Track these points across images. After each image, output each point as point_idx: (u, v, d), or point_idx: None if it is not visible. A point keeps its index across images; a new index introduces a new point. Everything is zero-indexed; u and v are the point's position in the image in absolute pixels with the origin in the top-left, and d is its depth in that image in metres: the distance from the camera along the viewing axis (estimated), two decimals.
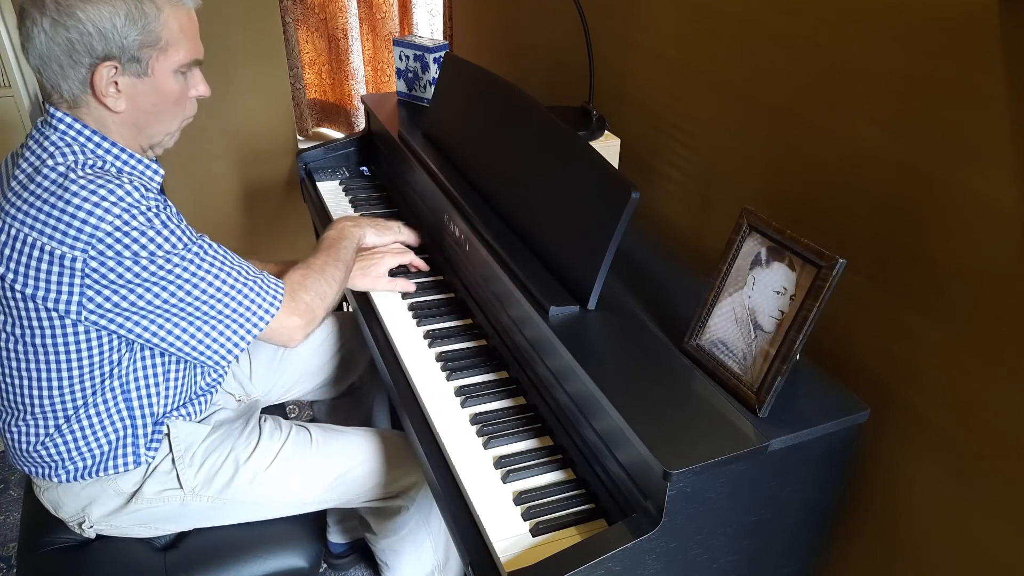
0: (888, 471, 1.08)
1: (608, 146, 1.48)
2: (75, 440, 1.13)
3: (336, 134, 3.46)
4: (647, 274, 1.25)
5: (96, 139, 1.06)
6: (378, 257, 1.40)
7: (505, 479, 1.03)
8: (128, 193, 0.99)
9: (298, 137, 2.95)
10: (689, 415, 0.94)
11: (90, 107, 1.05)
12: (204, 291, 1.06)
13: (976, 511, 0.97)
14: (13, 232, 0.99)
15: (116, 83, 1.03)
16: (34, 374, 1.08)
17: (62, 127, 1.04)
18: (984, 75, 0.86)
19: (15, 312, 1.03)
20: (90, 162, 1.03)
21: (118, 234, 0.98)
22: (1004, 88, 0.84)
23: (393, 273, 1.42)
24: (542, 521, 0.97)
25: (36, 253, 0.98)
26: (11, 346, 1.06)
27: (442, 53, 1.75)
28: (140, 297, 1.02)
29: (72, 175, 0.99)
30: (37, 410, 1.11)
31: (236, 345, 1.11)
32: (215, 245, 1.10)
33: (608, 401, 0.94)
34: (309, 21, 3.24)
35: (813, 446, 0.95)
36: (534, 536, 0.95)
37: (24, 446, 1.14)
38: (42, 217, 0.97)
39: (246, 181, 2.65)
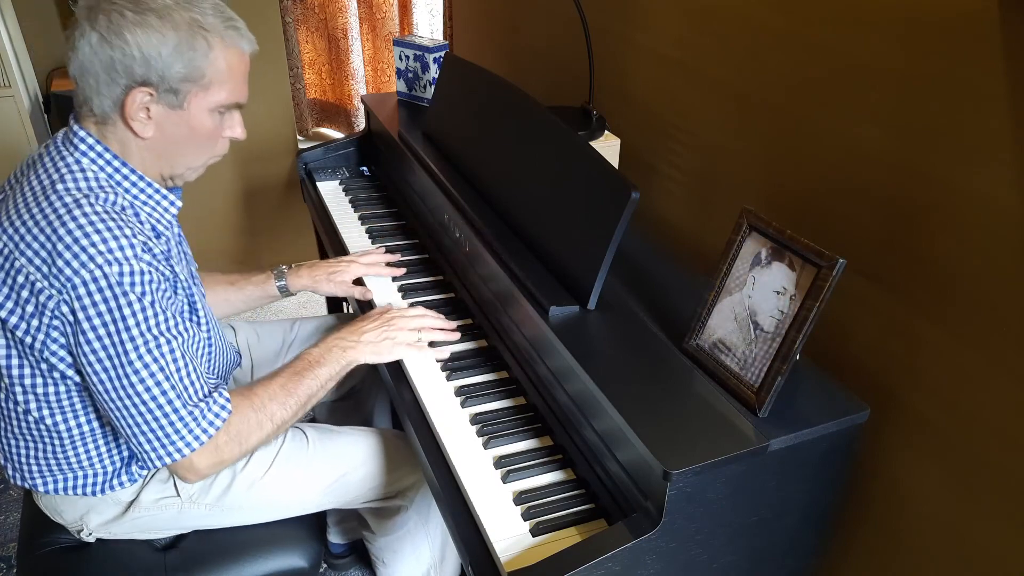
0: (888, 471, 1.08)
1: (608, 146, 1.48)
2: (70, 466, 1.12)
3: (336, 134, 3.46)
4: (647, 274, 1.25)
5: (115, 163, 1.04)
6: (394, 331, 1.26)
7: (505, 479, 1.03)
8: (122, 248, 0.95)
9: (298, 137, 2.95)
10: (689, 415, 0.94)
11: (116, 127, 1.03)
12: (136, 391, 0.98)
13: (976, 511, 0.97)
14: (6, 252, 0.97)
15: (148, 109, 1.01)
16: (19, 397, 1.06)
17: (83, 147, 1.02)
18: (984, 75, 0.86)
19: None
20: (103, 194, 1.00)
21: (93, 286, 0.94)
22: (1004, 88, 0.84)
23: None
24: (542, 521, 0.97)
25: (20, 279, 0.96)
26: None
27: (442, 53, 1.75)
28: (87, 355, 0.97)
29: (78, 210, 0.96)
30: (24, 429, 1.09)
31: (149, 461, 1.02)
32: (177, 350, 1.01)
33: (608, 401, 0.94)
34: (309, 21, 3.24)
35: (813, 446, 0.95)
36: (534, 536, 0.95)
37: (17, 458, 1.13)
38: (35, 245, 0.95)
39: (246, 181, 2.65)
